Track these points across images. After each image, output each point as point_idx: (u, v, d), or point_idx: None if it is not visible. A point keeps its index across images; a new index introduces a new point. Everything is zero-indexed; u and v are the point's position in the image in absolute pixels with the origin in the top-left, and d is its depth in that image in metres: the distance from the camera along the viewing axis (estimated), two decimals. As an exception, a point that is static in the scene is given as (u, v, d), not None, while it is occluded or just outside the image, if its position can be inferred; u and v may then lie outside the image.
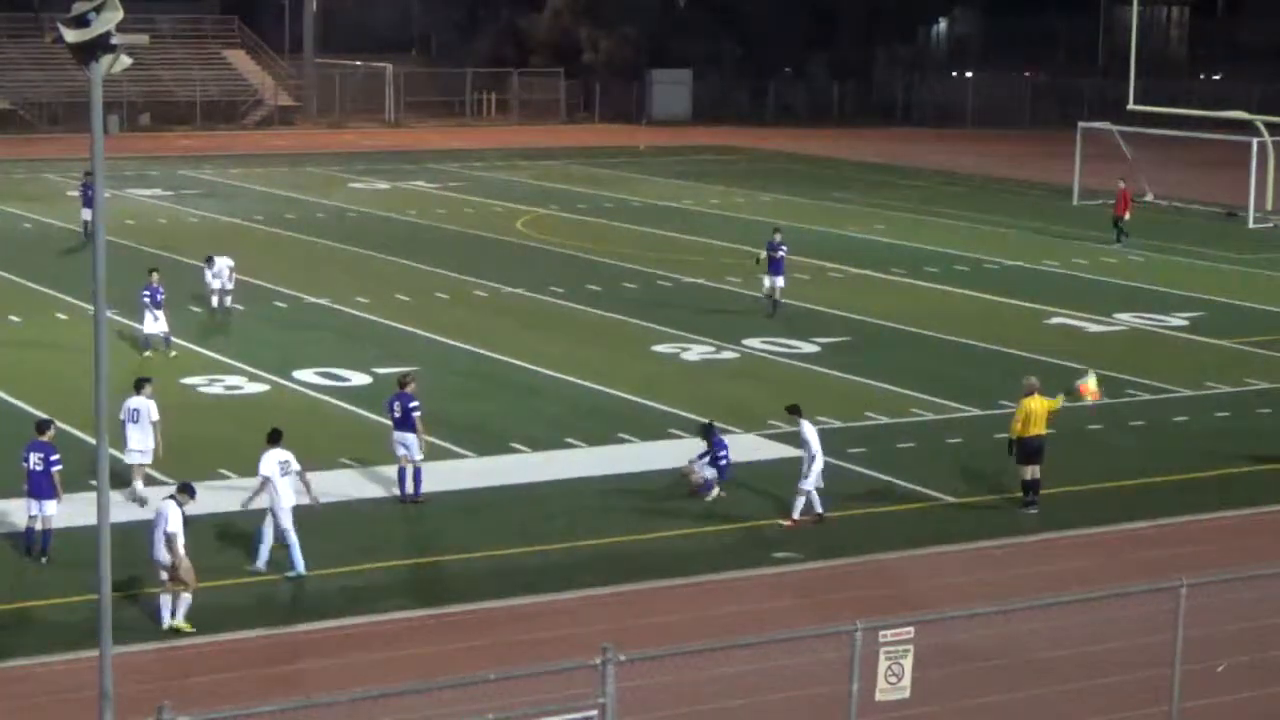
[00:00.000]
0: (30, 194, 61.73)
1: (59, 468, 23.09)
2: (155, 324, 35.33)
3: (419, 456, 26.22)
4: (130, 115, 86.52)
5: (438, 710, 14.86)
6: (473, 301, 42.75)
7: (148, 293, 35.43)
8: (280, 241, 52.26)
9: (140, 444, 25.69)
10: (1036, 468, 26.57)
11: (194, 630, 20.84)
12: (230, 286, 39.90)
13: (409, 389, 26.43)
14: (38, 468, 23.08)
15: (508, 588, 22.72)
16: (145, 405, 25.75)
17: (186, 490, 21.37)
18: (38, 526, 23.22)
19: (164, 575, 20.94)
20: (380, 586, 22.71)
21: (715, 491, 26.70)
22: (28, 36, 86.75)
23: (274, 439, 23.46)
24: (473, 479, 27.63)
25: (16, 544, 23.68)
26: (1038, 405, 26.49)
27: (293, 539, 22.78)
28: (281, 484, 22.94)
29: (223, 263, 39.97)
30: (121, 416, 25.63)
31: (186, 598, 20.94)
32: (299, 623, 21.37)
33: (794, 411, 26.28)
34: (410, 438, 26.15)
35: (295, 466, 23.24)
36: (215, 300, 39.70)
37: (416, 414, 26.18)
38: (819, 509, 25.65)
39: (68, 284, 42.23)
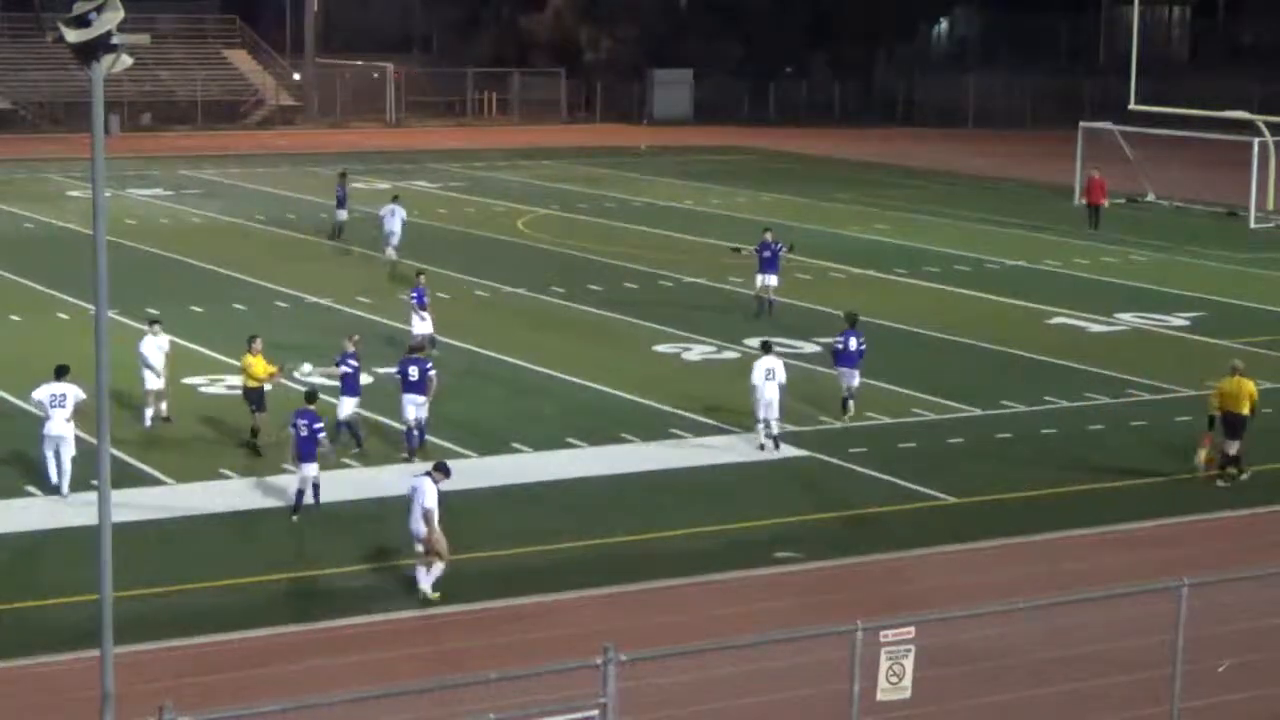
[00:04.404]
0: (32, 194, 61.73)
1: (323, 434, 25.33)
2: (422, 325, 35.28)
3: (425, 415, 28.44)
4: (131, 115, 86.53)
5: (438, 710, 14.88)
6: (473, 301, 42.76)
7: (415, 294, 35.61)
8: (281, 241, 52.29)
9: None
10: (1237, 443, 28.03)
11: (440, 598, 21.92)
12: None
13: (421, 354, 29.10)
14: (304, 433, 25.16)
15: (508, 588, 22.73)
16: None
17: (442, 469, 22.67)
18: (306, 489, 25.36)
19: (420, 547, 22.13)
20: (380, 586, 22.72)
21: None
22: (28, 36, 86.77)
23: (57, 373, 26.12)
24: (473, 479, 27.61)
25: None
26: (1228, 385, 28.32)
27: (65, 465, 25.49)
28: (54, 414, 25.49)
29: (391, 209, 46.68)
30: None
31: (439, 568, 22.09)
32: (300, 622, 21.38)
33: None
34: (422, 399, 28.35)
35: (74, 398, 25.50)
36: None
37: (432, 373, 28.51)
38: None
39: (69, 284, 42.22)
